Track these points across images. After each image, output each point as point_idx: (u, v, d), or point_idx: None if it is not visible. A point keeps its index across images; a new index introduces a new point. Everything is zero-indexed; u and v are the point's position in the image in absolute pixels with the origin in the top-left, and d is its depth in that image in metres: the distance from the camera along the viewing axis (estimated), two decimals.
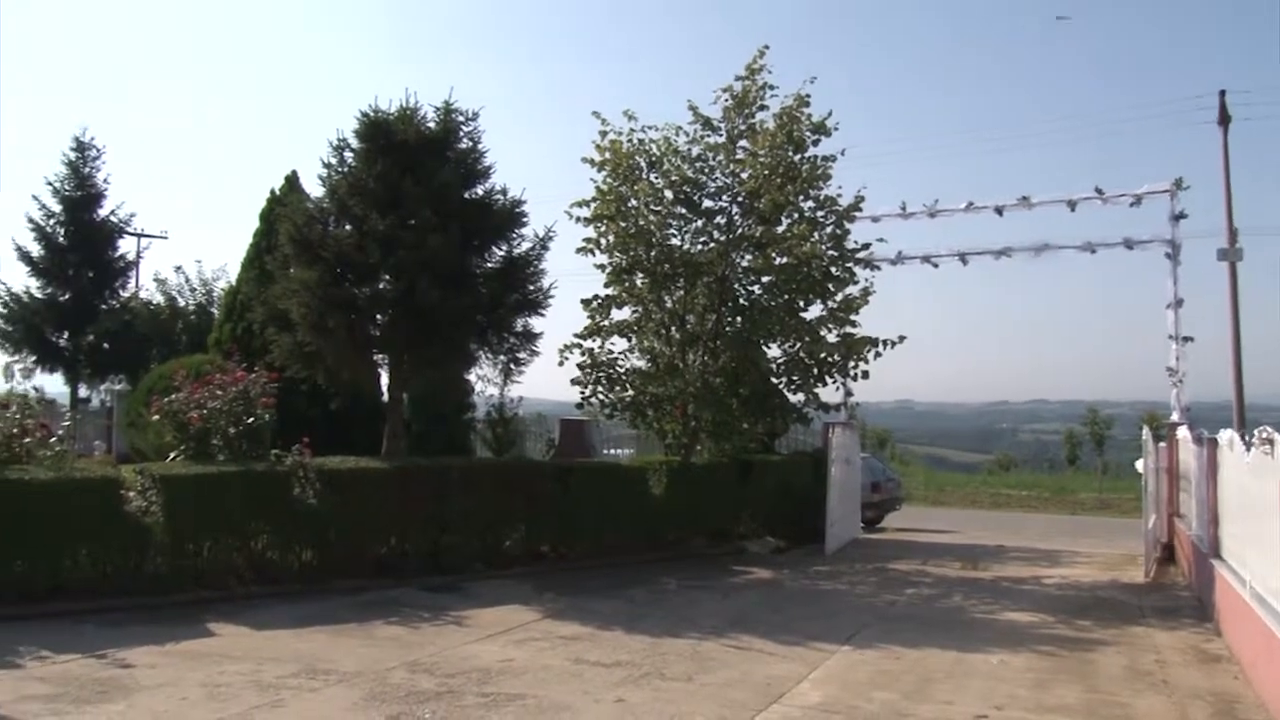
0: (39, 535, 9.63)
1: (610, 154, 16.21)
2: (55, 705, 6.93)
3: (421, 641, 9.14)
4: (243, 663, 8.13)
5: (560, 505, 13.56)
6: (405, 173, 13.25)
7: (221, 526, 10.69)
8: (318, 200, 14.13)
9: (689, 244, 16.49)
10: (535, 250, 14.02)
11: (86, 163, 31.14)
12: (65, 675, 7.66)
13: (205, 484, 10.68)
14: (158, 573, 10.30)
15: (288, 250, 13.49)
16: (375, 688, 7.54)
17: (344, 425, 15.60)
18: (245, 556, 10.93)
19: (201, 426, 11.52)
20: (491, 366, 14.38)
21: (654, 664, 8.52)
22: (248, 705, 7.02)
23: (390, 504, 11.81)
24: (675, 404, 16.19)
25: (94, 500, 10.01)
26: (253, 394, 11.83)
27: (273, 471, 11.22)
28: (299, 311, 12.94)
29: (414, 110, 13.72)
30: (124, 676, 7.68)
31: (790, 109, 16.14)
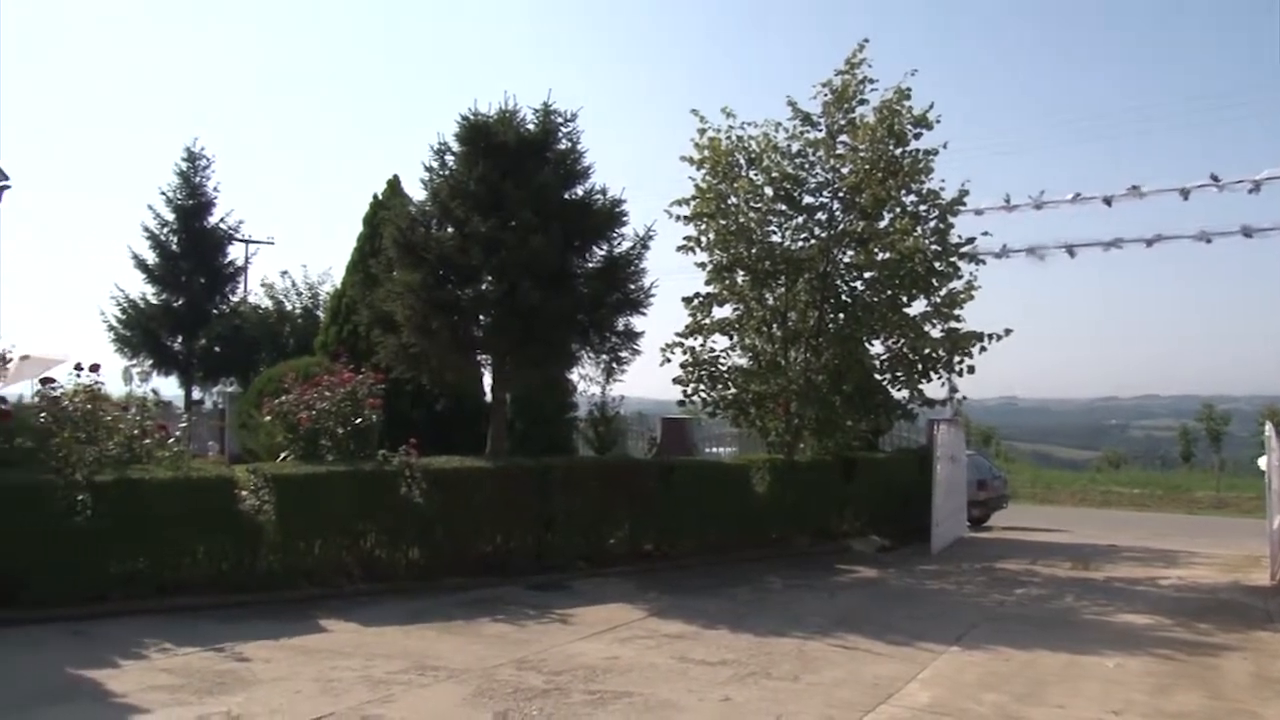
0: (159, 533, 9.90)
1: (709, 152, 16.15)
2: (179, 695, 7.13)
3: (528, 639, 9.20)
4: (353, 658, 8.27)
5: (663, 503, 13.55)
6: (505, 175, 13.35)
7: (331, 525, 10.89)
8: (420, 204, 14.33)
9: (790, 240, 16.36)
10: (636, 249, 14.03)
11: (197, 172, 32.09)
12: (187, 667, 7.88)
13: (315, 483, 10.89)
14: (271, 570, 10.53)
15: (392, 253, 13.70)
16: (483, 684, 7.61)
17: (447, 426, 15.81)
18: (354, 554, 11.11)
19: (311, 427, 11.74)
20: (593, 366, 14.44)
21: (760, 663, 8.46)
22: (359, 700, 7.13)
23: (495, 503, 11.92)
24: (778, 402, 16.07)
25: (210, 499, 10.27)
26: (360, 395, 12.03)
27: (381, 471, 11.39)
28: (403, 314, 13.15)
29: (513, 112, 13.83)
30: (241, 669, 7.87)
31: (890, 102, 15.91)
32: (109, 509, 9.70)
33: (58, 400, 10.51)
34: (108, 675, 7.60)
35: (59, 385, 10.85)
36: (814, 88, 16.24)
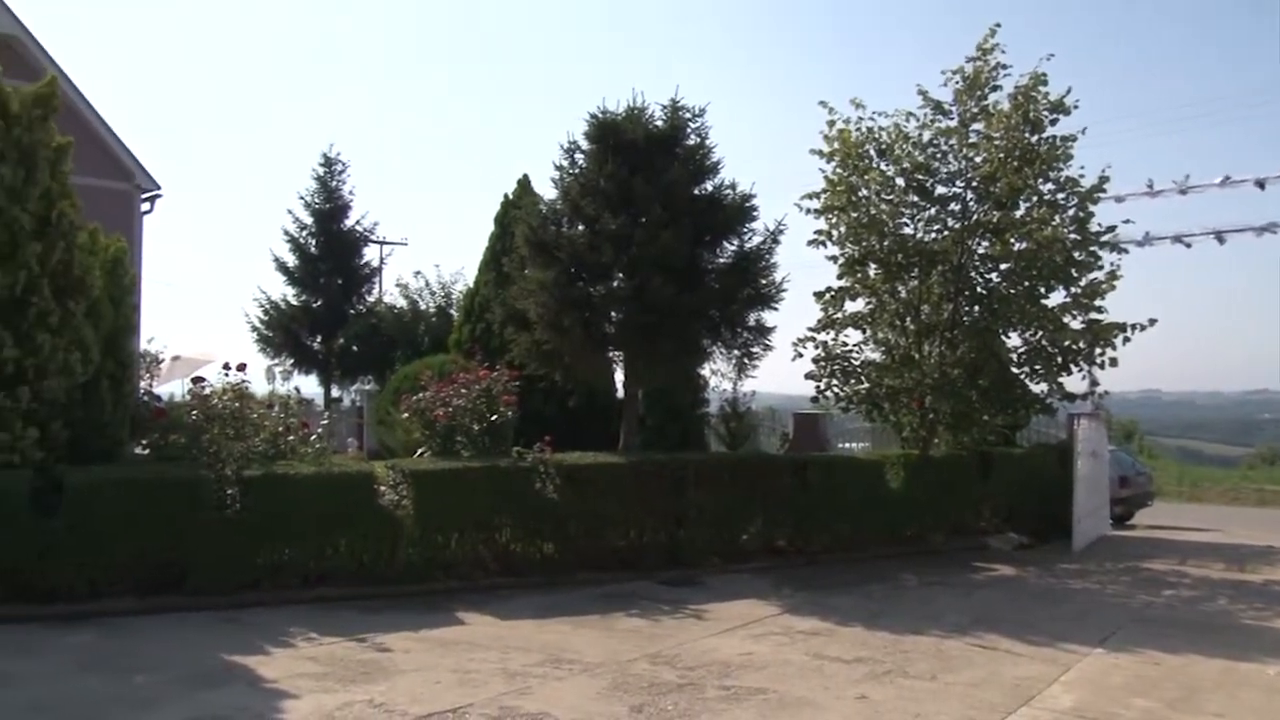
0: (303, 526, 10.22)
1: (839, 144, 15.94)
2: (324, 683, 7.35)
3: (661, 634, 9.23)
4: (490, 650, 8.40)
5: (796, 499, 13.45)
6: (635, 171, 13.43)
7: (467, 520, 11.08)
8: (551, 202, 14.53)
9: (922, 232, 16.04)
10: (766, 244, 13.98)
11: (334, 177, 33.07)
12: (331, 656, 8.12)
13: (452, 479, 11.09)
14: (410, 563, 10.75)
15: (524, 252, 13.92)
16: (618, 678, 7.66)
17: (579, 422, 15.98)
18: (490, 548, 11.29)
19: (447, 424, 11.99)
20: (725, 361, 14.45)
21: (896, 661, 8.33)
22: (496, 691, 7.24)
23: (628, 498, 11.98)
24: (912, 396, 15.80)
25: (351, 494, 10.56)
26: (495, 392, 12.23)
27: (515, 467, 11.55)
28: (536, 311, 13.34)
29: (641, 110, 13.91)
30: (383, 659, 8.06)
31: (1025, 88, 15.46)
32: (257, 503, 10.06)
33: (208, 399, 10.94)
34: (258, 661, 7.89)
35: (209, 384, 11.30)
36: (944, 75, 15.89)
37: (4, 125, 10.03)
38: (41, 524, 9.21)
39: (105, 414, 10.78)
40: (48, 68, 22.45)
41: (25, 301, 9.82)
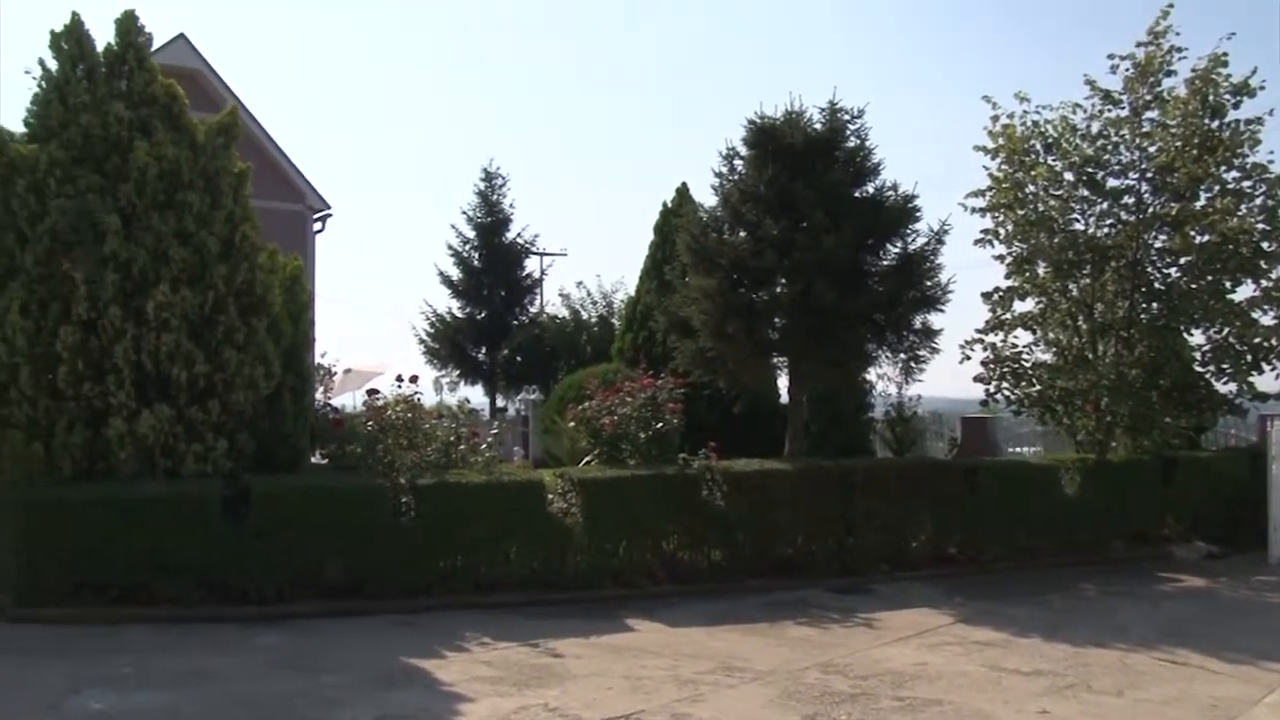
0: (475, 533, 10.47)
1: (1003, 139, 15.49)
2: (499, 687, 7.52)
3: (832, 642, 9.12)
4: (661, 657, 8.44)
5: (967, 506, 13.11)
6: (795, 176, 13.35)
7: (635, 527, 11.16)
8: (711, 209, 14.57)
9: (1094, 228, 15.44)
10: (930, 245, 13.71)
11: (494, 191, 33.83)
12: (505, 660, 8.28)
13: (620, 487, 11.20)
14: (579, 570, 10.89)
15: (685, 259, 13.98)
16: (789, 686, 7.60)
17: (743, 428, 15.92)
18: (658, 556, 11.34)
19: (613, 432, 12.11)
20: (891, 365, 14.23)
21: (1078, 675, 8.03)
22: (669, 698, 7.27)
23: (795, 505, 11.88)
24: (1087, 398, 15.23)
25: (521, 502, 10.75)
26: (660, 400, 12.29)
27: (682, 475, 11.58)
28: (700, 318, 13.38)
29: (799, 113, 13.83)
30: (555, 665, 8.19)
31: (1204, 71, 14.71)
32: (430, 510, 10.36)
33: (382, 410, 11.30)
34: (435, 665, 8.11)
35: (383, 396, 11.68)
36: (1112, 61, 15.26)
37: (191, 155, 10.60)
38: (232, 530, 9.71)
39: (287, 425, 11.25)
40: (227, 98, 23.67)
41: (213, 320, 10.35)
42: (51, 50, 10.68)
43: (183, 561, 9.49)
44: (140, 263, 10.05)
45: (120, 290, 9.97)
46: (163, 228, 10.21)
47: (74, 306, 9.89)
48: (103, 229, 9.95)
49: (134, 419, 9.86)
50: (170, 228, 10.25)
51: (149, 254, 10.09)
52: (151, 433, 9.88)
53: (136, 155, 10.24)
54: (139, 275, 10.06)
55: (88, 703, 7.06)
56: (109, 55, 10.79)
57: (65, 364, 9.81)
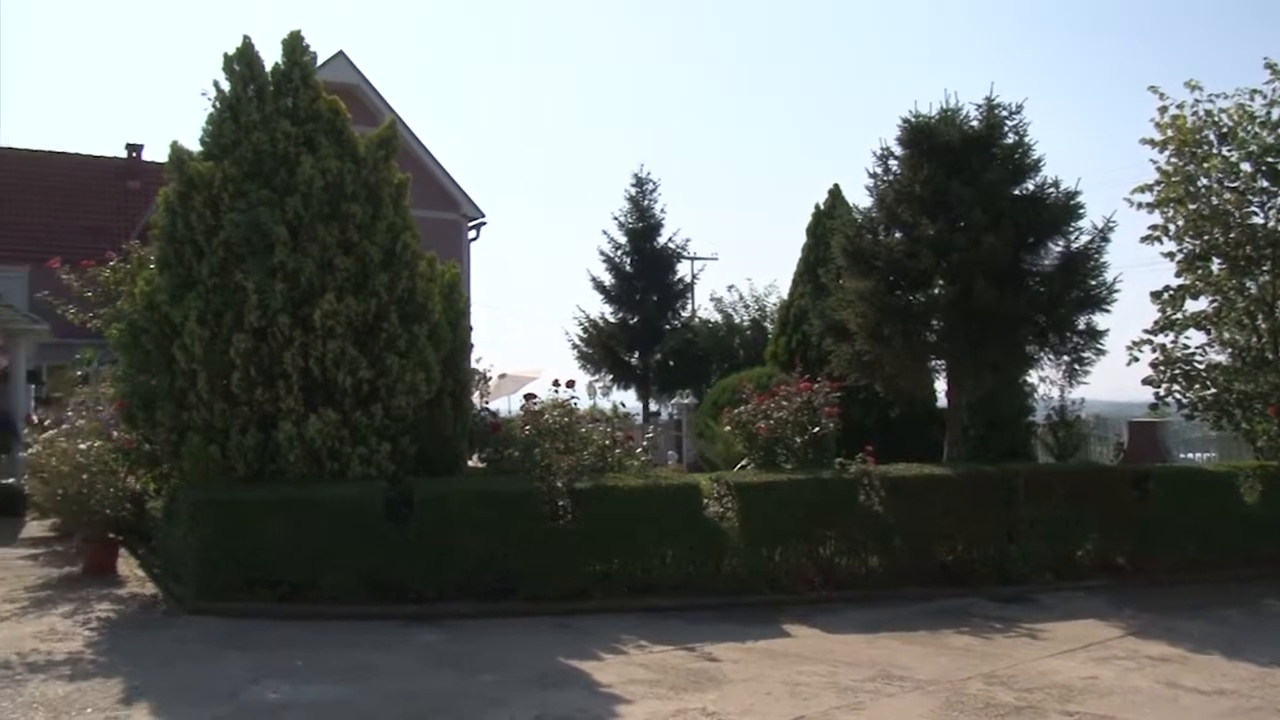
0: (630, 537, 10.54)
1: (1173, 131, 14.86)
2: (657, 690, 7.53)
3: (995, 653, 8.84)
4: (818, 664, 8.33)
5: (1136, 514, 12.54)
6: (952, 174, 13.08)
7: (791, 532, 11.04)
8: (865, 210, 14.36)
9: (1274, 221, 14.67)
10: (1095, 243, 13.23)
11: (645, 196, 34.04)
12: (662, 664, 8.29)
13: (776, 491, 11.11)
14: (734, 574, 10.84)
15: (840, 262, 13.82)
16: (951, 697, 7.40)
17: (899, 432, 15.67)
18: (814, 561, 11.20)
19: (769, 436, 12.04)
20: (1053, 367, 13.77)
21: (1266, 697, 7.54)
22: (828, 706, 7.17)
23: (955, 511, 11.58)
24: (1268, 402, 14.45)
25: (677, 506, 10.78)
26: (817, 404, 12.17)
27: (839, 479, 11.43)
28: (855, 321, 13.21)
29: (955, 111, 13.54)
30: (712, 669, 8.15)
31: None
32: (587, 514, 10.47)
33: (539, 414, 11.47)
34: (593, 667, 8.18)
35: (539, 400, 11.86)
36: None
37: (354, 167, 10.95)
38: (394, 531, 9.99)
39: (447, 429, 11.51)
40: (384, 111, 24.46)
41: (376, 327, 10.66)
42: (225, 72, 11.19)
43: (347, 560, 9.82)
44: (307, 272, 10.43)
45: (289, 299, 10.36)
46: (328, 238, 10.58)
47: (246, 315, 10.32)
48: (272, 240, 10.36)
49: (302, 423, 10.24)
50: (335, 238, 10.61)
51: (315, 264, 10.47)
52: (319, 436, 10.24)
53: (303, 169, 10.63)
54: (306, 284, 10.44)
55: (264, 693, 7.38)
56: (276, 74, 11.23)
57: (238, 370, 10.25)
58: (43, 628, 9.24)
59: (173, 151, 10.95)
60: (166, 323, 10.50)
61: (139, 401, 10.59)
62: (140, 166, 35.54)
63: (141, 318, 10.67)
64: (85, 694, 7.23)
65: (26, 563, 12.60)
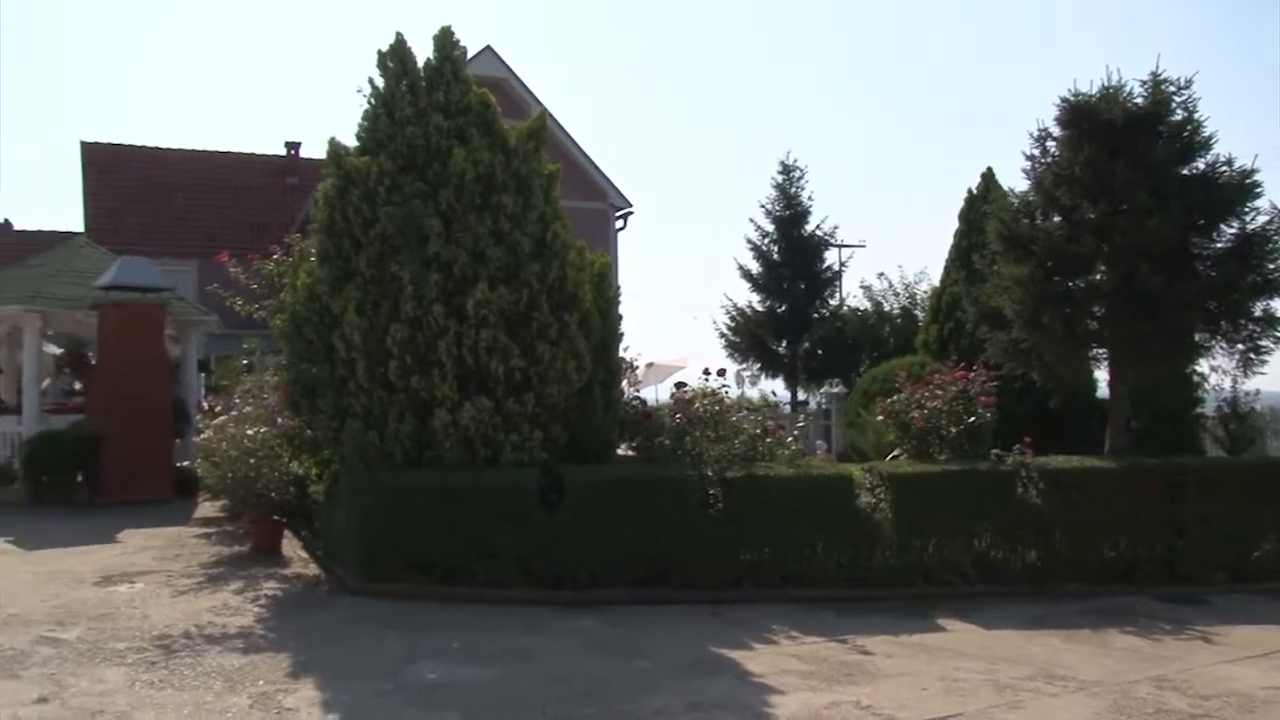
0: (782, 526, 10.45)
1: None
2: (809, 681, 7.46)
3: (1164, 655, 8.45)
4: (975, 660, 8.12)
5: None
6: (1114, 155, 12.57)
7: (945, 524, 10.79)
8: (1022, 194, 13.93)
9: None
10: (1274, 224, 12.53)
11: (792, 183, 33.64)
12: (814, 655, 8.21)
13: (930, 482, 10.89)
14: (887, 566, 10.65)
15: (995, 247, 13.45)
16: (1119, 700, 7.11)
17: (1057, 423, 15.18)
18: (969, 554, 10.92)
19: (922, 426, 11.77)
20: (1225, 356, 13.11)
21: None
22: (986, 703, 6.98)
23: (1118, 506, 11.11)
24: None
25: (829, 496, 10.65)
26: (972, 393, 11.84)
27: (995, 471, 11.12)
28: (1012, 308, 12.83)
29: (1118, 88, 13.00)
30: (865, 662, 8.03)
31: None
32: (738, 503, 10.41)
33: (690, 402, 11.45)
34: (744, 656, 8.14)
35: (690, 388, 11.83)
36: None
37: (504, 159, 11.09)
38: (546, 517, 10.10)
39: (597, 417, 11.57)
40: (531, 103, 24.79)
41: (528, 316, 10.78)
42: (378, 69, 11.45)
43: (501, 546, 9.97)
44: (460, 263, 10.61)
45: (442, 289, 10.56)
46: (480, 229, 10.73)
47: (402, 305, 10.56)
48: (426, 232, 10.57)
49: (456, 410, 10.43)
50: (487, 229, 10.76)
51: (468, 254, 10.64)
52: (472, 423, 10.41)
53: (455, 162, 10.81)
54: (459, 274, 10.62)
55: (423, 672, 7.56)
56: (428, 70, 11.44)
57: (395, 359, 10.49)
58: (217, 603, 9.66)
59: (330, 148, 11.25)
60: (327, 313, 10.82)
61: (302, 389, 10.94)
62: (299, 163, 36.82)
63: (303, 308, 11.02)
64: (257, 667, 7.54)
65: (200, 541, 13.18)
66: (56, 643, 8.07)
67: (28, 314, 17.80)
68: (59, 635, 8.31)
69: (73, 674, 7.26)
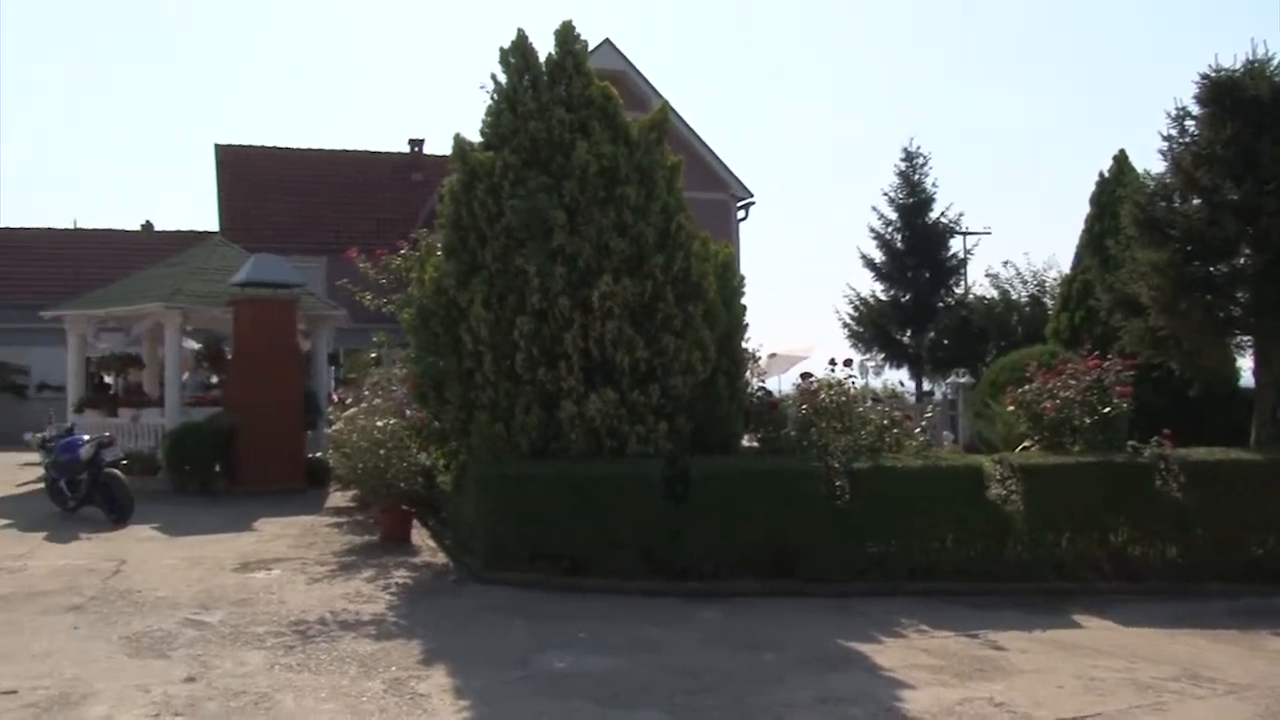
0: (910, 518, 10.30)
1: None
2: (940, 676, 7.33)
3: None
4: (1114, 659, 7.87)
5: None
6: (1260, 133, 12.10)
7: (1080, 518, 10.48)
8: (1158, 176, 13.45)
9: None
10: None
11: (915, 171, 33.24)
12: (944, 649, 8.07)
13: (1064, 474, 10.58)
14: (1018, 560, 10.40)
15: (1131, 231, 13.02)
16: (1272, 704, 6.81)
17: (1196, 414, 14.63)
18: (1104, 549, 10.59)
19: (1055, 417, 11.45)
20: None
21: None
22: (1126, 704, 6.75)
23: (1266, 501, 10.63)
24: None
25: (958, 488, 10.46)
26: (1107, 383, 11.48)
27: (1132, 463, 10.75)
28: (1149, 295, 12.40)
29: (1263, 62, 12.52)
30: (998, 658, 7.86)
31: None
32: (865, 494, 10.31)
33: (815, 393, 11.33)
34: (872, 650, 8.04)
35: (815, 379, 11.70)
36: None
37: (627, 151, 11.09)
38: (671, 509, 10.12)
39: (721, 408, 11.51)
40: (651, 96, 24.85)
41: (652, 307, 10.78)
42: (501, 65, 11.56)
43: (626, 537, 10.03)
44: (584, 255, 10.66)
45: (567, 282, 10.62)
46: (603, 221, 10.76)
47: (527, 298, 10.65)
48: (550, 225, 10.64)
49: (582, 402, 10.49)
50: (610, 221, 10.78)
51: (592, 247, 10.68)
52: (598, 415, 10.46)
53: (578, 155, 10.85)
54: (584, 267, 10.67)
55: (551, 661, 7.64)
56: (549, 64, 11.50)
57: (521, 351, 10.59)
58: (350, 590, 9.91)
59: (456, 143, 11.41)
60: (454, 306, 10.98)
61: (430, 381, 11.13)
62: (423, 160, 37.58)
63: (430, 302, 11.20)
64: (389, 653, 7.71)
65: (332, 529, 13.54)
66: (201, 625, 8.38)
67: (168, 311, 18.47)
68: (203, 618, 8.62)
69: (216, 655, 7.52)
